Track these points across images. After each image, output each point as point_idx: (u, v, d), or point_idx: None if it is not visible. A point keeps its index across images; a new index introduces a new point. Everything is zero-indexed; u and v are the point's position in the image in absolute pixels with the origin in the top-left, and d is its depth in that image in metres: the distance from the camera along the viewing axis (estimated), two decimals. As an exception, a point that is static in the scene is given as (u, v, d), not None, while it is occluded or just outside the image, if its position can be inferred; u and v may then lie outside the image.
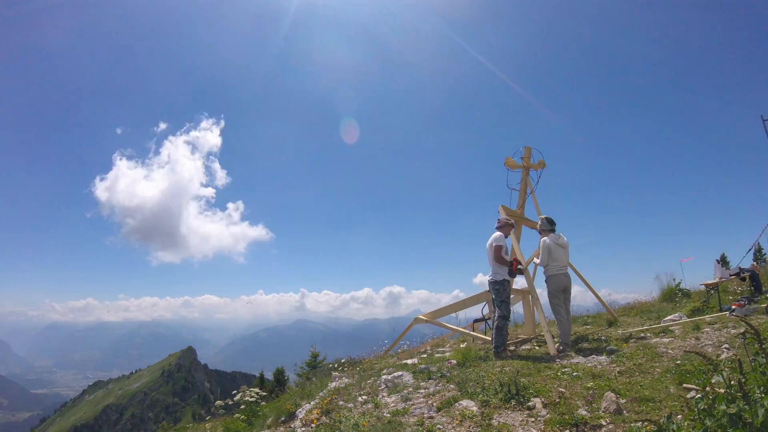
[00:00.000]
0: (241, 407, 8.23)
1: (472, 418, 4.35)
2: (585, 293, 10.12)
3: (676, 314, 8.51)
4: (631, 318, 9.56)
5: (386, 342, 10.60)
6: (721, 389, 2.30)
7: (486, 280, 7.26)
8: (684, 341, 6.40)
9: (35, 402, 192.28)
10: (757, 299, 8.76)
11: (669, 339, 6.69)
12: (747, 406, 2.03)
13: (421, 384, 5.69)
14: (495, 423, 4.21)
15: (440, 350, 8.74)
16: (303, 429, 5.23)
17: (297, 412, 6.02)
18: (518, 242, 8.66)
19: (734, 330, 6.61)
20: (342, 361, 9.79)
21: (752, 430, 2.04)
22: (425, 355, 8.08)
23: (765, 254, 13.52)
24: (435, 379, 5.78)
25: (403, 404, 5.08)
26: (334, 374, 7.65)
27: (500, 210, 8.73)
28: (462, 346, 8.30)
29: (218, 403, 9.12)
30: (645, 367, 5.32)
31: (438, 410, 4.73)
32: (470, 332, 9.03)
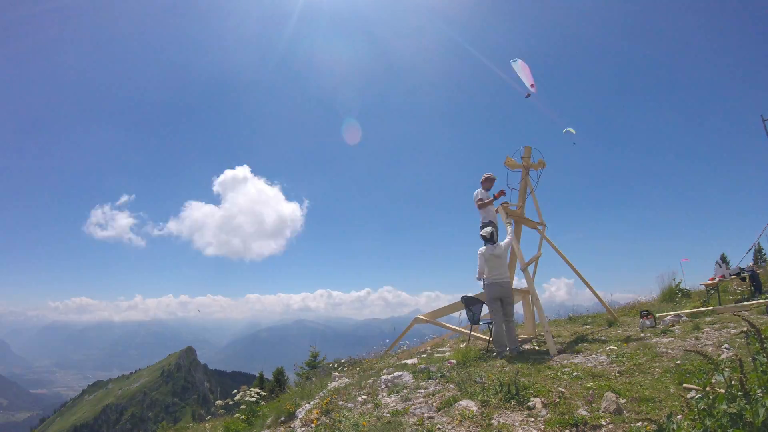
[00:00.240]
0: (241, 407, 8.23)
1: (472, 418, 4.35)
2: (585, 293, 10.11)
3: (676, 314, 8.50)
4: (631, 318, 9.56)
5: (386, 342, 10.60)
6: (722, 389, 2.29)
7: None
8: (684, 341, 6.40)
9: (35, 402, 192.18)
10: (757, 298, 8.77)
11: (669, 339, 6.69)
12: (748, 406, 2.03)
13: (421, 384, 5.69)
14: (495, 423, 4.21)
15: (440, 350, 8.74)
16: (303, 429, 5.23)
17: (297, 412, 6.01)
18: (518, 242, 8.65)
19: (734, 330, 6.61)
20: (342, 361, 9.79)
21: (753, 430, 2.04)
22: (425, 355, 8.08)
23: (765, 254, 13.52)
24: (435, 379, 5.78)
25: (403, 404, 5.07)
26: (334, 374, 7.65)
27: (500, 210, 8.72)
28: (462, 346, 8.30)
29: (218, 403, 9.12)
30: (645, 367, 5.31)
31: (438, 410, 4.72)
32: (470, 332, 9.02)
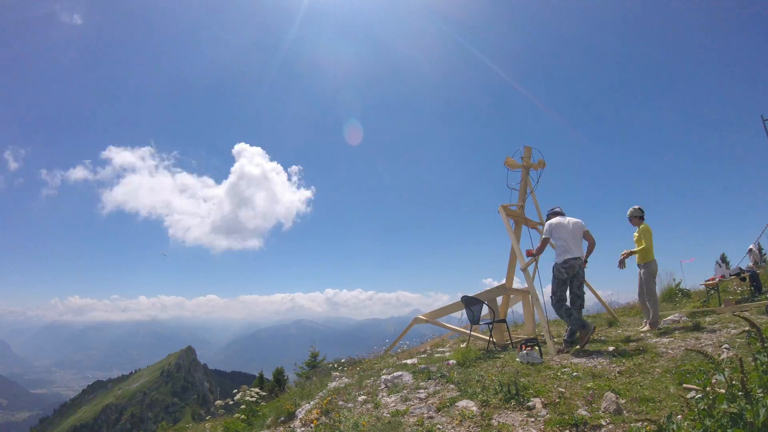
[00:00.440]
0: (241, 407, 8.23)
1: (472, 418, 4.34)
2: (585, 293, 10.11)
3: (676, 314, 8.50)
4: (631, 318, 9.56)
5: (386, 342, 10.59)
6: (722, 389, 2.29)
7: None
8: (684, 341, 6.40)
9: (34, 402, 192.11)
10: (757, 298, 8.77)
11: (669, 339, 6.69)
12: (749, 405, 2.03)
13: (421, 384, 5.68)
14: (495, 423, 4.20)
15: (440, 350, 8.73)
16: (302, 429, 5.23)
17: (297, 412, 6.01)
18: (518, 242, 8.65)
19: (734, 330, 6.61)
20: (342, 361, 9.79)
21: (753, 430, 2.04)
22: (425, 355, 8.08)
23: (765, 254, 13.52)
24: (435, 379, 5.78)
25: (403, 404, 5.07)
26: (334, 374, 7.65)
27: (500, 210, 8.72)
28: (462, 346, 8.30)
29: (218, 403, 9.11)
30: (645, 367, 5.31)
31: (438, 410, 4.72)
32: (470, 332, 9.02)
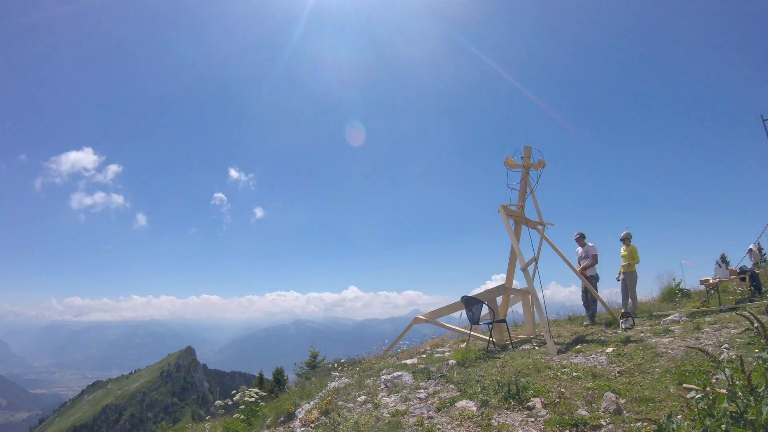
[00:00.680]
0: (241, 407, 8.22)
1: (472, 418, 4.34)
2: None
3: (676, 314, 8.51)
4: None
5: (386, 342, 10.58)
6: (722, 389, 2.29)
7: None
8: (684, 341, 6.40)
9: (34, 402, 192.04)
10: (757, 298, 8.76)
11: (669, 339, 6.69)
12: (753, 403, 2.02)
13: (421, 384, 5.68)
14: (494, 423, 4.20)
15: (440, 350, 8.73)
16: (302, 429, 5.22)
17: (296, 412, 6.01)
18: (518, 242, 8.65)
19: (734, 330, 6.61)
20: (341, 361, 9.78)
21: (755, 429, 2.03)
22: (425, 355, 8.07)
23: (765, 254, 13.52)
24: (434, 379, 5.77)
25: (403, 404, 5.07)
26: (334, 374, 7.65)
27: (500, 210, 8.72)
28: (462, 346, 8.29)
29: (218, 403, 9.11)
30: (645, 367, 5.31)
31: (437, 410, 4.72)
32: (470, 332, 9.02)
